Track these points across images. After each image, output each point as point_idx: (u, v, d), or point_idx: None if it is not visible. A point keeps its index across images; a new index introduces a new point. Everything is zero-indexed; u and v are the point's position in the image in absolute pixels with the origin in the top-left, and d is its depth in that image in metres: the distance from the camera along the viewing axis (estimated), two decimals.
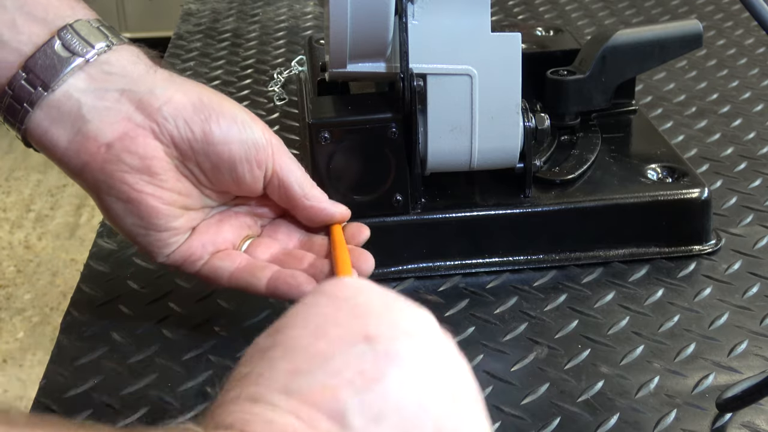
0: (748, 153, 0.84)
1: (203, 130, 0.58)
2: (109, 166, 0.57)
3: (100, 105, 0.57)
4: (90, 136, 0.57)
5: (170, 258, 0.60)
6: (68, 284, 2.23)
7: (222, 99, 0.60)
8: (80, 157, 0.57)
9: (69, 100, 0.57)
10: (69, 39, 0.57)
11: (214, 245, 0.60)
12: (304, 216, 0.62)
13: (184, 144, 0.58)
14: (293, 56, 1.05)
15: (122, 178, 0.57)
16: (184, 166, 0.59)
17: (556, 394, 0.58)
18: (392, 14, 0.64)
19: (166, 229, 0.59)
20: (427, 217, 0.69)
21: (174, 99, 0.58)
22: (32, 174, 2.69)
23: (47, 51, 0.56)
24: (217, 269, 0.60)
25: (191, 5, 1.23)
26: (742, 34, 1.09)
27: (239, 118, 0.59)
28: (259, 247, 0.62)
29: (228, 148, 0.58)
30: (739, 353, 0.61)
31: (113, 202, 0.58)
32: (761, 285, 0.68)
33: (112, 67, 0.58)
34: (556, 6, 1.19)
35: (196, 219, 0.61)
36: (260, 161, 0.59)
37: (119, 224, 0.59)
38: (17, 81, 0.56)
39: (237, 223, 0.62)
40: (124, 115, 0.57)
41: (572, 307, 0.66)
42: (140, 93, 0.57)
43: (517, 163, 0.69)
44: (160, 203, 0.58)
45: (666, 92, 0.96)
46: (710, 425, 0.55)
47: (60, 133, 0.57)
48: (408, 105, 0.65)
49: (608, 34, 0.77)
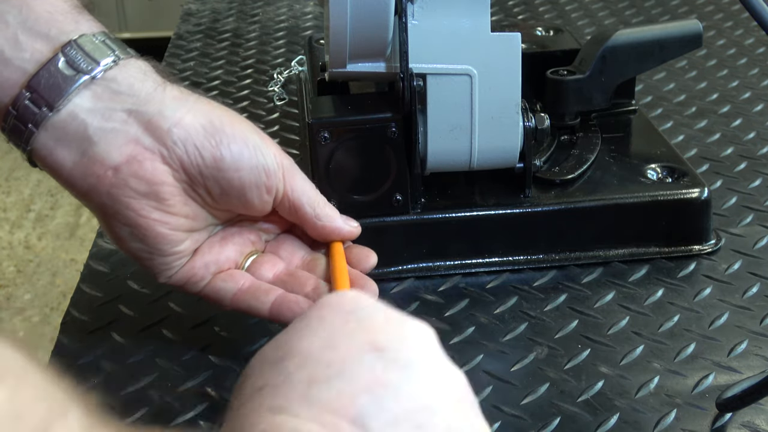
0: (748, 153, 0.84)
1: (213, 156, 0.56)
2: (116, 190, 0.55)
3: (107, 126, 0.55)
4: (97, 159, 0.55)
5: (173, 279, 0.59)
6: (68, 284, 2.23)
7: (233, 120, 0.58)
8: (86, 180, 0.56)
9: (74, 121, 0.55)
10: (73, 56, 0.55)
11: (216, 265, 0.59)
12: (315, 234, 0.61)
13: (193, 169, 0.56)
14: (293, 56, 1.05)
15: (128, 204, 0.56)
16: (192, 190, 0.57)
17: (556, 394, 0.58)
18: (392, 14, 0.64)
19: (170, 254, 0.58)
20: (427, 217, 0.69)
21: (184, 121, 0.56)
22: (32, 174, 2.69)
23: (51, 69, 0.54)
24: (219, 290, 0.59)
25: (191, 5, 1.23)
26: (742, 34, 1.09)
27: (251, 142, 0.57)
28: (264, 266, 0.60)
29: (238, 175, 0.57)
30: (739, 353, 0.61)
31: (118, 227, 0.57)
32: (761, 285, 0.68)
33: (120, 86, 0.56)
34: (556, 6, 1.19)
35: (199, 239, 0.60)
36: (270, 187, 0.58)
37: (123, 247, 0.58)
38: (21, 101, 0.54)
39: (240, 240, 0.61)
40: (132, 137, 0.55)
41: (572, 307, 0.66)
42: (149, 114, 0.55)
43: (517, 163, 0.69)
44: (167, 229, 0.57)
45: (666, 92, 0.96)
46: (710, 425, 0.55)
47: (65, 155, 0.55)
48: (408, 105, 0.65)
49: (608, 34, 0.77)
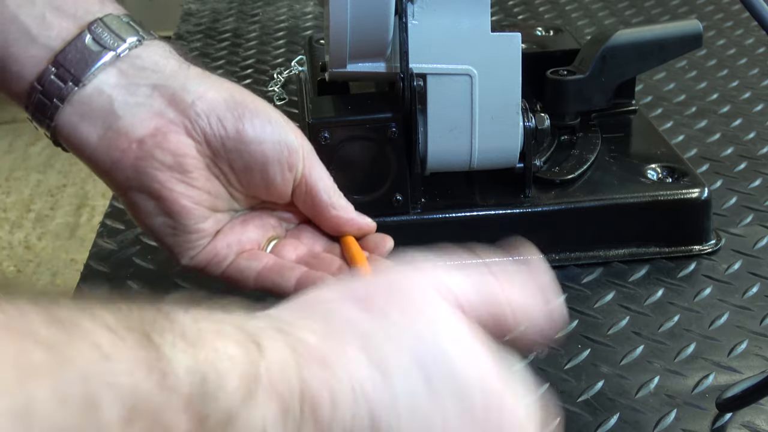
0: (748, 153, 0.84)
1: (236, 128, 0.56)
2: (141, 162, 0.55)
3: (131, 100, 0.55)
4: (122, 132, 0.55)
5: (194, 260, 0.58)
6: (68, 284, 2.23)
7: (255, 98, 0.58)
8: (111, 155, 0.56)
9: (100, 96, 0.55)
10: (100, 33, 0.56)
11: (239, 245, 0.59)
12: (328, 225, 0.60)
13: (216, 141, 0.56)
14: (293, 56, 1.05)
15: (154, 176, 0.56)
16: (215, 165, 0.57)
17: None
18: (392, 14, 0.64)
19: (194, 230, 0.57)
20: (427, 217, 0.69)
21: (207, 95, 0.56)
22: (32, 174, 2.69)
23: (78, 45, 0.55)
24: (243, 270, 0.58)
25: (191, 5, 1.23)
26: (742, 34, 1.09)
27: (273, 118, 0.58)
28: (286, 248, 0.60)
29: (261, 148, 0.57)
30: (739, 353, 0.61)
31: (143, 200, 0.57)
32: (761, 285, 0.67)
33: (144, 62, 0.56)
34: (556, 6, 1.19)
35: (222, 221, 0.59)
36: (292, 164, 0.58)
37: (147, 223, 0.58)
38: (47, 76, 0.55)
39: (261, 223, 0.61)
40: (156, 110, 0.56)
41: (572, 307, 0.66)
42: (172, 88, 0.56)
43: (517, 163, 0.69)
44: (191, 202, 0.57)
45: (666, 92, 0.96)
46: (710, 425, 0.55)
47: (90, 130, 0.56)
48: (408, 105, 0.65)
49: (608, 34, 0.77)
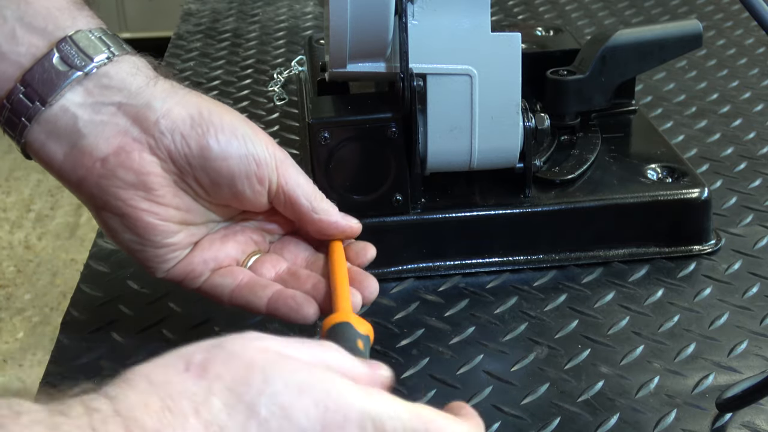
0: (748, 153, 0.84)
1: (200, 144, 0.56)
2: (104, 181, 0.56)
3: (96, 119, 0.56)
4: (85, 151, 0.56)
5: (170, 273, 0.59)
6: (68, 284, 2.23)
7: (223, 112, 0.58)
8: (77, 172, 0.56)
9: (65, 115, 0.56)
10: (67, 51, 0.56)
11: (215, 261, 0.59)
12: (313, 230, 0.60)
13: (181, 159, 0.56)
14: (293, 56, 1.05)
15: (116, 194, 0.56)
16: (183, 181, 0.57)
17: (556, 394, 0.58)
18: (392, 14, 0.64)
19: (162, 245, 0.58)
20: (427, 217, 0.69)
21: (172, 112, 0.56)
22: (32, 174, 2.69)
23: (45, 65, 0.55)
24: (217, 286, 0.59)
25: (191, 5, 1.23)
26: (742, 34, 1.09)
27: (240, 132, 0.57)
28: (266, 264, 0.60)
29: (226, 164, 0.57)
30: (739, 353, 0.61)
31: (109, 218, 0.57)
32: (761, 285, 0.67)
33: (111, 80, 0.56)
34: (556, 6, 1.19)
35: (197, 234, 0.60)
36: (262, 177, 0.58)
37: (116, 239, 0.59)
38: (15, 95, 0.56)
39: (243, 239, 0.61)
40: (121, 129, 0.56)
41: (572, 307, 0.66)
42: (137, 106, 0.56)
43: (517, 163, 0.69)
44: (156, 219, 0.57)
45: (666, 92, 0.96)
46: (710, 425, 0.55)
47: (56, 148, 0.56)
48: (408, 105, 0.65)
49: (608, 34, 0.77)
